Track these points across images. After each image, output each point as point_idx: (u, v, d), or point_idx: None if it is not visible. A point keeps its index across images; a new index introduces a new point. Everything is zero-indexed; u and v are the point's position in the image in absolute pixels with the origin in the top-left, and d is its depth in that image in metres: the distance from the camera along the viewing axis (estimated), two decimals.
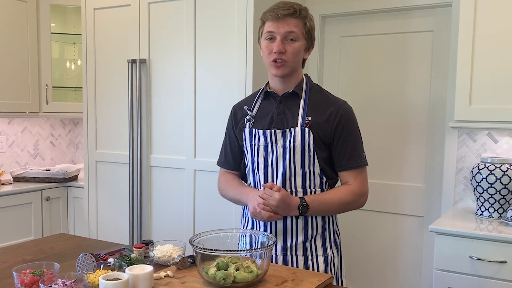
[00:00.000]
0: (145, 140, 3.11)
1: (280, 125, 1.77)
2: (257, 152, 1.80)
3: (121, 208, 3.24)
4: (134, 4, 3.08)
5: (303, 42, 1.75)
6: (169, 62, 2.98)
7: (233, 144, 1.93)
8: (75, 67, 4.14)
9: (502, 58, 2.38)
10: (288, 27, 1.71)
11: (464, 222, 2.39)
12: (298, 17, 1.72)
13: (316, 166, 1.75)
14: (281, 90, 1.81)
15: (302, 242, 1.77)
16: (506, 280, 2.16)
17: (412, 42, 2.96)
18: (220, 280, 1.42)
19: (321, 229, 1.79)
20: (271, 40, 1.74)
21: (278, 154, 1.76)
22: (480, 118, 2.44)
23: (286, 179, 1.75)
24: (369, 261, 3.17)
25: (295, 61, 1.75)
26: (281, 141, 1.75)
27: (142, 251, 1.70)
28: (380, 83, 3.09)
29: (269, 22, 1.74)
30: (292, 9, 1.71)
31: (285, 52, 1.72)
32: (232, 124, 1.93)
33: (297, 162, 1.74)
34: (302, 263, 1.77)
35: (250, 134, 1.82)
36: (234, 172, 1.97)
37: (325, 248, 1.80)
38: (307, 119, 1.74)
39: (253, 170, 1.84)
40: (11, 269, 1.50)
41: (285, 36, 1.71)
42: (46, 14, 3.75)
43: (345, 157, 1.76)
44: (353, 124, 1.80)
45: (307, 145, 1.73)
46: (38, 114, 3.79)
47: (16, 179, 3.60)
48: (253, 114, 1.84)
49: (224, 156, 1.97)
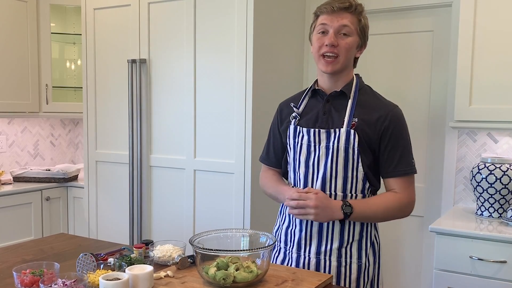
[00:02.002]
0: (145, 140, 3.11)
1: (325, 124, 1.71)
2: (299, 151, 1.75)
3: (121, 208, 3.24)
4: (134, 4, 3.08)
5: (356, 39, 1.68)
6: (169, 62, 2.98)
7: (276, 142, 1.89)
8: (75, 67, 4.14)
9: (502, 58, 2.38)
10: (342, 21, 1.64)
11: (464, 222, 2.39)
12: (354, 12, 1.66)
13: (360, 170, 1.68)
14: (329, 88, 1.74)
15: (337, 248, 1.70)
16: (506, 280, 2.16)
17: (412, 42, 2.96)
18: (220, 280, 1.42)
19: (358, 236, 1.72)
20: (323, 34, 1.67)
21: (321, 154, 1.70)
22: (480, 118, 2.44)
23: (326, 180, 1.69)
24: None
25: (347, 57, 1.68)
26: (325, 141, 1.69)
27: (142, 251, 1.70)
28: (380, 83, 3.08)
29: (323, 15, 1.67)
30: (348, 3, 1.65)
31: (337, 46, 1.65)
32: (278, 121, 1.88)
33: (340, 164, 1.67)
34: (335, 269, 1.70)
35: (295, 131, 1.77)
36: (276, 169, 1.93)
37: (360, 256, 1.72)
38: (353, 120, 1.67)
39: (294, 168, 1.79)
40: (11, 269, 1.50)
41: (339, 30, 1.65)
42: (46, 14, 3.75)
43: (393, 163, 1.69)
44: (403, 129, 1.71)
45: (351, 147, 1.66)
46: (38, 114, 3.79)
47: (16, 179, 3.60)
48: (299, 112, 1.79)
49: (267, 153, 1.94)
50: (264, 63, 2.76)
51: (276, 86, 2.90)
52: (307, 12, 3.21)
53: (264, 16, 2.74)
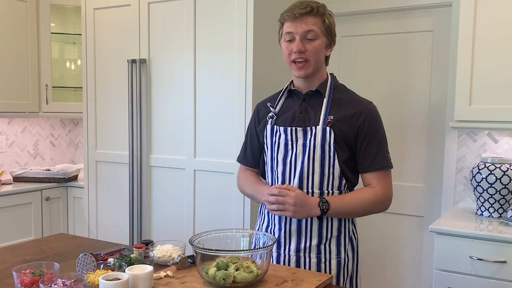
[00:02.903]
0: (145, 140, 3.10)
1: (302, 123, 1.76)
2: (277, 149, 1.79)
3: (121, 208, 3.24)
4: (134, 4, 3.08)
5: (323, 40, 1.73)
6: (169, 62, 2.98)
7: (254, 142, 1.93)
8: (75, 67, 4.14)
9: (502, 58, 2.38)
10: (306, 26, 1.69)
11: (464, 222, 2.39)
12: (316, 14, 1.70)
13: (336, 167, 1.72)
14: (304, 88, 1.81)
15: (316, 245, 1.74)
16: (506, 280, 2.16)
17: (412, 42, 2.96)
18: (220, 280, 1.42)
19: (336, 232, 1.75)
20: (291, 41, 1.73)
21: (298, 152, 1.74)
22: (480, 118, 2.44)
23: (303, 177, 1.72)
24: (369, 261, 3.17)
25: (316, 59, 1.73)
26: (302, 139, 1.74)
27: (142, 251, 1.70)
28: (380, 83, 3.09)
29: (287, 22, 1.73)
30: (309, 7, 1.70)
31: (305, 51, 1.70)
32: (255, 121, 1.93)
33: (316, 161, 1.71)
34: (315, 266, 1.74)
35: (272, 131, 1.81)
36: (253, 169, 1.97)
37: (339, 252, 1.76)
38: (329, 118, 1.72)
39: (272, 167, 1.82)
40: (11, 269, 1.50)
41: (304, 35, 1.70)
42: (46, 14, 3.74)
43: (370, 158, 1.73)
44: (378, 125, 1.77)
45: (327, 144, 1.70)
46: (38, 114, 3.79)
47: (16, 179, 3.60)
48: (276, 111, 1.84)
49: (244, 153, 1.98)
50: (264, 63, 2.76)
51: (276, 86, 2.88)
52: None
53: (264, 15, 2.74)
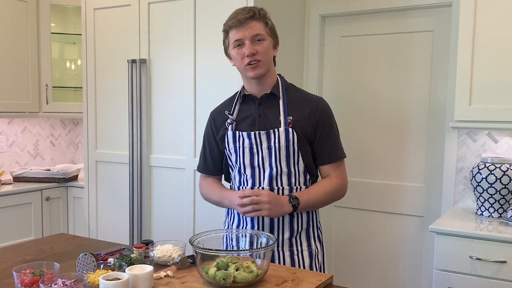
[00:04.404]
0: (145, 140, 3.11)
1: (263, 126, 1.81)
2: (242, 154, 1.84)
3: (121, 208, 3.24)
4: (134, 4, 3.08)
5: (270, 40, 1.81)
6: (169, 62, 2.98)
7: (213, 150, 1.97)
8: (75, 67, 4.14)
9: (502, 58, 2.38)
10: (253, 30, 1.76)
11: (464, 222, 2.39)
12: (259, 18, 1.78)
13: (301, 164, 1.81)
14: (258, 92, 1.85)
15: (288, 238, 1.82)
16: (506, 280, 2.16)
17: (412, 42, 2.96)
18: (220, 280, 1.42)
19: (305, 225, 1.85)
20: (240, 47, 1.78)
21: (264, 155, 1.80)
22: (480, 118, 2.44)
23: (273, 178, 1.80)
24: (369, 261, 3.17)
25: (267, 59, 1.79)
26: (266, 142, 1.80)
27: (142, 251, 1.70)
28: (380, 83, 3.09)
29: (234, 30, 1.79)
30: (251, 12, 1.77)
31: (257, 53, 1.76)
32: (212, 130, 1.96)
33: (283, 161, 1.79)
34: (288, 259, 1.82)
35: (234, 136, 1.85)
36: (215, 177, 2.01)
37: (309, 243, 1.86)
38: (288, 118, 1.79)
39: (240, 171, 1.87)
40: (11, 269, 1.51)
41: (253, 39, 1.76)
42: (46, 14, 3.75)
43: (327, 150, 1.83)
44: (331, 118, 1.86)
45: (291, 145, 1.78)
46: (38, 114, 3.79)
47: (16, 179, 3.60)
48: (234, 118, 1.87)
49: (204, 163, 2.01)
50: None
51: None
52: (307, 12, 3.21)
53: None
